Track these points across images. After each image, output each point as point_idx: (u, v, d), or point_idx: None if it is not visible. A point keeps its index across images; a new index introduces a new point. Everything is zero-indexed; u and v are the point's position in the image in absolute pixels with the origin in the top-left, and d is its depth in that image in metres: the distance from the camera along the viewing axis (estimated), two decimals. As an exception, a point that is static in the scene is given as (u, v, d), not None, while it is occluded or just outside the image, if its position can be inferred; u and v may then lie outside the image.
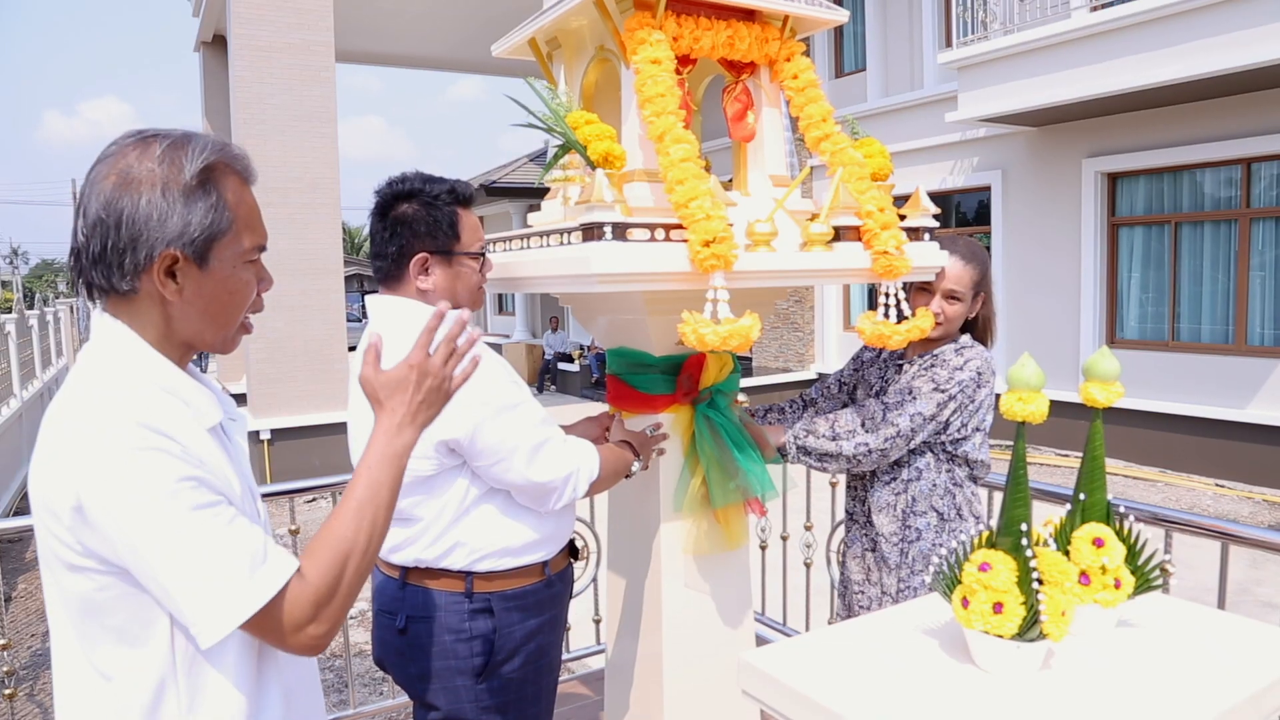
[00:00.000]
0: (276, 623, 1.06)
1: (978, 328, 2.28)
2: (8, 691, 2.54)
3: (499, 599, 1.77)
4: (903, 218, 1.99)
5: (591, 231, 1.66)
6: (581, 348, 15.87)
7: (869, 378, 2.37)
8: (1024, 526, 1.31)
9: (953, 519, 2.17)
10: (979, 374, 2.12)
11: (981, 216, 10.96)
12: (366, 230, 1.96)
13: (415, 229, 1.74)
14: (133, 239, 1.06)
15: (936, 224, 2.09)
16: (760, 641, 2.70)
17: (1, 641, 2.55)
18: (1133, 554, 1.47)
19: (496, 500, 1.75)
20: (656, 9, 1.83)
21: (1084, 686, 1.27)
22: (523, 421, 1.69)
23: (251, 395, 9.16)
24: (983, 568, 1.30)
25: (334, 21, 9.10)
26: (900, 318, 2.02)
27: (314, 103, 8.97)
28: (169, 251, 1.08)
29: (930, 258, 2.03)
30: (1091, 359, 1.50)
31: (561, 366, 16.07)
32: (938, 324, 2.14)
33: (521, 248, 2.01)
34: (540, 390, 15.80)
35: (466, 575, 1.75)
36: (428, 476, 1.70)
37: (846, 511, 2.38)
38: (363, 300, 2.63)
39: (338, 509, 1.14)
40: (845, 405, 2.43)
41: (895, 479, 2.18)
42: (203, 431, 1.10)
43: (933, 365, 2.16)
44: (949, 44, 10.47)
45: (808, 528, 3.44)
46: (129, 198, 1.06)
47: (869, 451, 2.06)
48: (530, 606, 1.81)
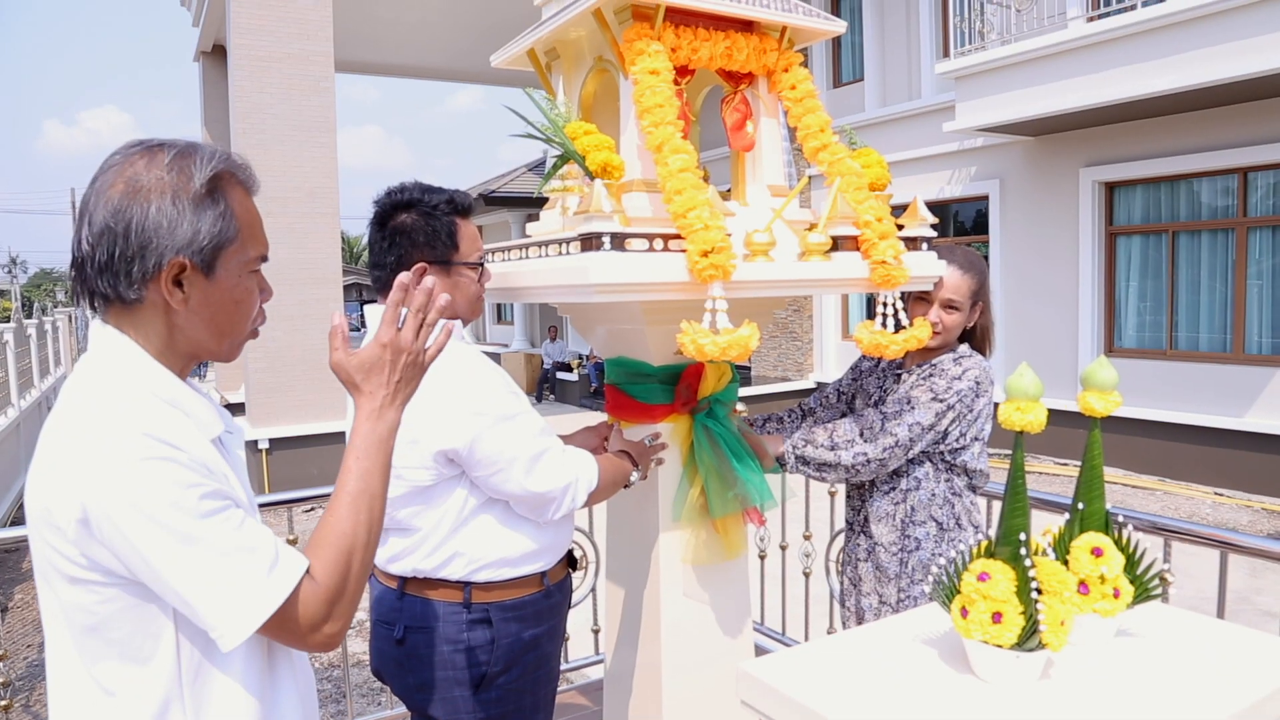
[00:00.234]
0: (294, 622, 1.05)
1: (976, 337, 2.28)
2: (3, 703, 2.52)
3: (497, 609, 1.77)
4: (900, 227, 2.00)
5: (590, 241, 1.67)
6: (580, 357, 15.86)
7: (867, 387, 2.37)
8: (1023, 536, 1.31)
9: (952, 528, 2.17)
10: (977, 383, 2.13)
11: (979, 226, 10.99)
12: (365, 239, 1.96)
13: (414, 239, 1.74)
14: (142, 247, 1.06)
15: (934, 233, 2.10)
16: (759, 651, 2.70)
17: (-2, 652, 2.54)
18: (1132, 563, 1.47)
19: (495, 510, 1.75)
20: (655, 20, 1.84)
21: (1083, 696, 1.27)
22: (521, 432, 1.69)
23: (250, 405, 9.15)
24: (982, 577, 1.30)
25: (333, 32, 9.13)
26: (898, 327, 2.02)
27: (313, 112, 8.99)
28: (177, 260, 1.07)
29: (928, 267, 2.03)
30: (1089, 368, 1.50)
31: (560, 376, 16.05)
32: (936, 333, 2.15)
33: (520, 258, 2.02)
34: (539, 400, 15.78)
35: (465, 585, 1.75)
36: (426, 486, 1.70)
37: (846, 521, 2.38)
38: (361, 310, 2.62)
39: (333, 504, 1.13)
40: (844, 415, 2.43)
41: (894, 488, 2.18)
42: (205, 441, 1.10)
43: (931, 375, 2.16)
44: (946, 54, 10.52)
45: (807, 537, 3.43)
46: (138, 206, 1.06)
47: (867, 461, 2.06)
48: (529, 617, 1.81)
